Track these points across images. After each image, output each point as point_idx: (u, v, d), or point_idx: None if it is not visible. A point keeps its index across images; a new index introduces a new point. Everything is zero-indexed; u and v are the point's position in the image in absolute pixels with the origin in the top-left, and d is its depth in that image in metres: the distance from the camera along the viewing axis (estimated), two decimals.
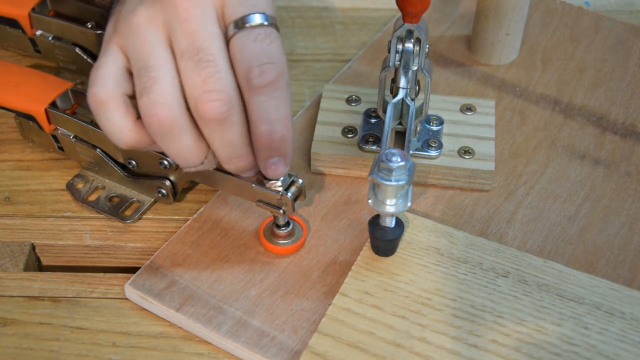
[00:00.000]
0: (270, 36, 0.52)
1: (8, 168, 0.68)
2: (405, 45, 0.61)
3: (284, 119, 0.53)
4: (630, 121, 0.72)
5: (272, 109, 0.52)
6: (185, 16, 0.51)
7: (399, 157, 0.53)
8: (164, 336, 0.57)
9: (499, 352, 0.53)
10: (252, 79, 0.51)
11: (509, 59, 0.77)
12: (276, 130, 0.53)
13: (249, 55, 0.51)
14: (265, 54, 0.51)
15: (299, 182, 0.58)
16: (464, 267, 0.58)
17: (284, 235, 0.61)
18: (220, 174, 0.60)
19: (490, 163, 0.65)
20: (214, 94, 0.51)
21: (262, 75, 0.51)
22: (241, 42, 0.51)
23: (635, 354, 0.52)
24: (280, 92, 0.52)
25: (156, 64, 0.51)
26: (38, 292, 0.59)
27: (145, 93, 0.51)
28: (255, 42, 0.51)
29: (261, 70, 0.51)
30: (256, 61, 0.51)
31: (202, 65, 0.51)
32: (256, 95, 0.52)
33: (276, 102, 0.52)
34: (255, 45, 0.51)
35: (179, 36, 0.51)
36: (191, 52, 0.51)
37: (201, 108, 0.51)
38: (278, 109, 0.52)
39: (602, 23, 0.82)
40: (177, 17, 0.51)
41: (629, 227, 0.63)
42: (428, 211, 0.64)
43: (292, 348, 0.55)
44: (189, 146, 0.53)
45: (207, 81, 0.51)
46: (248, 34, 0.51)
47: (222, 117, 0.51)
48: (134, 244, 0.63)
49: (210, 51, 0.51)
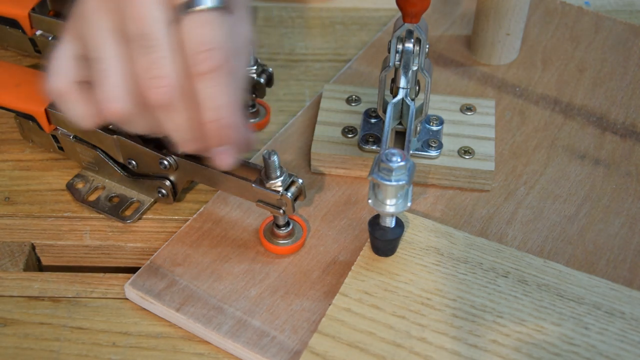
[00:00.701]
0: (216, 20, 0.51)
1: (8, 168, 0.68)
2: (405, 45, 0.61)
3: (228, 105, 0.53)
4: (630, 121, 0.72)
5: (218, 95, 0.52)
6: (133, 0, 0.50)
7: (399, 157, 0.53)
8: (164, 336, 0.57)
9: (499, 352, 0.53)
10: (197, 64, 0.51)
11: (509, 59, 0.77)
12: (222, 116, 0.53)
13: (195, 40, 0.51)
14: (211, 39, 0.51)
15: (299, 182, 0.58)
16: (464, 267, 0.58)
17: (284, 235, 0.61)
18: (221, 174, 0.60)
19: (490, 163, 0.65)
20: (158, 81, 0.51)
21: (207, 61, 0.51)
22: (188, 26, 0.51)
23: (635, 354, 0.52)
24: (223, 77, 0.52)
25: (106, 56, 0.51)
26: (38, 292, 0.59)
27: (99, 86, 0.52)
28: (201, 26, 0.51)
29: (206, 55, 0.51)
30: (201, 46, 0.51)
31: (147, 51, 0.51)
32: (202, 81, 0.52)
33: (219, 87, 0.52)
34: (202, 30, 0.51)
35: (127, 21, 0.51)
36: (137, 38, 0.51)
37: (147, 94, 0.51)
38: (223, 95, 0.52)
39: (602, 23, 0.82)
40: (126, 3, 0.51)
41: (629, 227, 0.63)
42: (428, 211, 0.64)
43: (292, 348, 0.55)
44: (146, 127, 0.55)
45: (151, 67, 0.51)
46: (195, 17, 0.51)
47: (168, 103, 0.52)
48: (134, 244, 0.63)
49: (155, 36, 0.51)
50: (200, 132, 0.54)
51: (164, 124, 0.54)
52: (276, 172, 0.57)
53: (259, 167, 0.59)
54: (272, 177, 0.57)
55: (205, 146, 0.55)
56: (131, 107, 0.52)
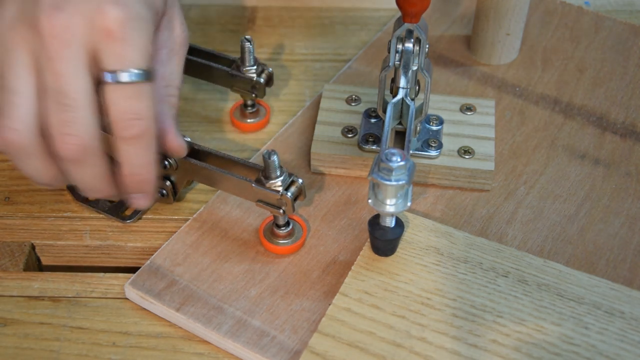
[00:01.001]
0: (141, 93, 0.53)
1: (8, 168, 0.68)
2: (405, 45, 0.61)
3: (146, 164, 0.56)
4: (630, 121, 0.72)
5: (136, 157, 0.55)
6: (54, 55, 0.51)
7: (399, 157, 0.53)
8: (164, 336, 0.57)
9: (499, 352, 0.53)
10: (118, 130, 0.53)
11: (509, 59, 0.77)
12: (138, 173, 0.56)
13: (117, 110, 0.53)
14: (135, 110, 0.53)
15: (298, 182, 0.58)
16: (464, 267, 0.58)
17: (284, 235, 0.61)
18: (220, 174, 0.60)
19: (490, 163, 0.65)
20: (70, 138, 0.52)
21: (129, 129, 0.53)
22: (111, 96, 0.53)
23: (635, 353, 0.52)
24: (145, 142, 0.55)
25: (17, 89, 0.52)
26: (38, 292, 0.59)
27: (1, 114, 0.52)
28: (125, 98, 0.53)
29: (126, 124, 0.53)
30: (123, 115, 0.53)
31: (62, 108, 0.52)
32: (122, 144, 0.54)
33: (140, 150, 0.55)
34: (125, 102, 0.53)
35: (45, 72, 0.52)
36: (54, 92, 0.52)
37: (56, 146, 0.53)
38: (141, 157, 0.55)
39: (602, 23, 0.82)
40: (46, 53, 0.52)
41: (628, 227, 0.63)
42: (428, 211, 0.64)
43: (292, 348, 0.55)
44: (38, 168, 0.55)
45: (64, 124, 0.52)
46: (119, 89, 0.53)
47: (75, 159, 0.53)
48: (134, 244, 0.63)
49: (73, 96, 0.52)
50: (104, 183, 0.56)
51: (70, 175, 0.56)
52: (276, 172, 0.57)
53: (259, 166, 0.59)
54: (272, 177, 0.57)
55: (106, 195, 0.58)
56: (28, 144, 0.53)
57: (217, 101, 0.75)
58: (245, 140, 0.71)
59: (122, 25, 0.52)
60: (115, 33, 0.52)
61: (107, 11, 0.52)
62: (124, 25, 0.52)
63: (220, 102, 0.75)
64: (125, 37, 0.52)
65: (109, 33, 0.52)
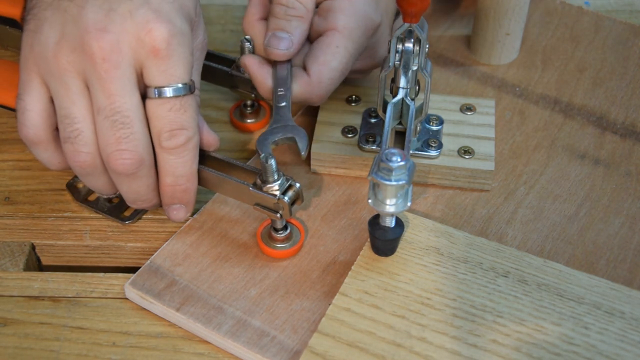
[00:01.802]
0: (185, 105, 0.55)
1: (8, 168, 0.68)
2: (405, 45, 0.61)
3: (188, 174, 0.58)
4: (630, 121, 0.72)
5: (179, 166, 0.58)
6: (105, 76, 0.53)
7: (399, 157, 0.53)
8: (163, 336, 0.57)
9: (498, 352, 0.53)
10: (163, 140, 0.56)
11: (509, 59, 0.77)
12: (180, 183, 0.58)
13: (163, 121, 0.55)
14: (178, 122, 0.55)
15: (296, 187, 0.58)
16: (464, 267, 0.58)
17: (281, 239, 0.60)
18: (219, 177, 0.60)
19: (490, 163, 0.65)
20: (126, 153, 0.55)
21: (172, 139, 0.56)
22: (157, 109, 0.55)
23: (635, 353, 0.52)
24: (188, 153, 0.57)
25: (78, 116, 0.55)
26: (38, 292, 0.59)
27: (70, 142, 0.55)
28: (170, 111, 0.55)
29: (172, 134, 0.55)
30: (168, 126, 0.55)
31: (117, 126, 0.54)
32: (165, 153, 0.56)
33: (183, 160, 0.57)
34: (170, 114, 0.55)
35: (97, 92, 0.54)
36: (108, 112, 0.54)
37: (112, 163, 0.55)
38: (184, 166, 0.58)
39: (602, 23, 0.82)
40: (96, 75, 0.53)
41: (628, 227, 0.63)
42: (428, 211, 0.64)
43: (292, 348, 0.55)
44: (105, 183, 0.59)
45: (120, 141, 0.54)
46: (164, 103, 0.55)
47: (131, 173, 0.56)
48: (134, 244, 0.63)
49: (127, 114, 0.54)
50: (152, 194, 0.59)
51: (121, 187, 0.58)
52: (273, 176, 0.57)
53: (257, 170, 0.59)
54: (269, 181, 0.57)
55: (150, 205, 0.61)
56: (98, 164, 0.57)
57: (217, 101, 0.75)
58: (245, 140, 0.71)
59: (168, 43, 0.54)
60: (161, 51, 0.54)
61: (153, 29, 0.53)
62: (170, 43, 0.54)
63: (221, 102, 0.75)
64: (170, 54, 0.54)
65: (156, 51, 0.54)
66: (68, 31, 0.54)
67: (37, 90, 0.56)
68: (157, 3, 0.54)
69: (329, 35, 0.63)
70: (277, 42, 0.62)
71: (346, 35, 0.63)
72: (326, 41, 0.63)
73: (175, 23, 0.54)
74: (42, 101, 0.56)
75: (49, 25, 0.54)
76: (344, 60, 0.63)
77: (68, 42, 0.53)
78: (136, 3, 0.54)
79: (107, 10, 0.53)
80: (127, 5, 0.53)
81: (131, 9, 0.53)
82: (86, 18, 0.53)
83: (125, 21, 0.53)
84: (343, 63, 0.63)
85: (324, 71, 0.62)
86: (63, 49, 0.54)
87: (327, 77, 0.62)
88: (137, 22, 0.53)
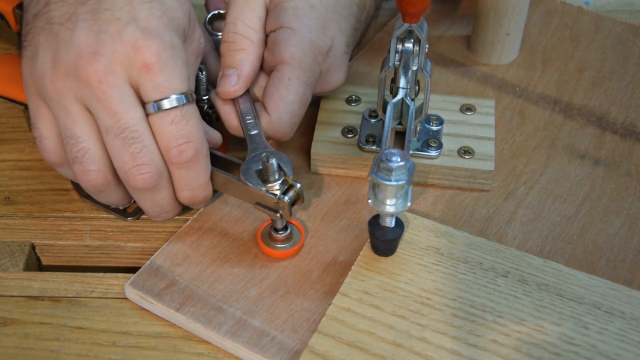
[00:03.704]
0: (186, 115, 0.56)
1: (8, 168, 0.68)
2: (405, 45, 0.61)
3: (204, 184, 0.59)
4: (630, 121, 0.72)
5: (193, 179, 0.58)
6: (104, 97, 0.54)
7: (398, 157, 0.53)
8: (163, 336, 0.57)
9: (498, 352, 0.53)
10: (172, 157, 0.56)
11: (509, 59, 0.77)
12: (197, 195, 0.59)
13: (167, 136, 0.55)
14: (183, 134, 0.56)
15: (297, 187, 0.58)
16: (464, 267, 0.58)
17: (281, 239, 0.60)
18: (220, 175, 0.60)
19: (490, 163, 0.65)
20: (143, 168, 0.55)
21: (181, 155, 0.56)
22: (159, 124, 0.55)
23: (635, 353, 0.52)
24: (199, 165, 0.58)
25: (82, 135, 0.55)
26: (38, 292, 0.59)
27: (78, 162, 0.56)
28: (172, 124, 0.55)
29: (179, 150, 0.56)
30: (174, 142, 0.56)
31: (129, 142, 0.55)
32: (178, 169, 0.57)
33: (195, 173, 0.58)
34: (173, 127, 0.55)
35: (100, 114, 0.54)
36: (117, 131, 0.54)
37: (132, 180, 0.56)
38: (198, 179, 0.58)
39: (602, 23, 0.82)
40: (95, 97, 0.54)
41: (628, 227, 0.63)
42: (428, 211, 0.64)
43: (292, 348, 0.55)
44: (119, 197, 0.60)
45: (135, 157, 0.55)
46: (165, 116, 0.55)
47: (152, 186, 0.56)
48: (134, 244, 0.63)
49: (135, 128, 0.54)
50: (173, 204, 0.60)
51: (144, 203, 0.59)
52: (274, 175, 0.57)
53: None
54: (270, 180, 0.57)
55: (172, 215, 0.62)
56: (110, 180, 0.57)
57: None
58: None
59: (159, 57, 0.54)
60: (152, 66, 0.54)
61: (142, 48, 0.54)
62: (160, 57, 0.54)
63: None
64: (162, 68, 0.54)
65: (148, 67, 0.54)
66: (61, 56, 0.54)
67: (46, 116, 0.56)
68: (145, 20, 0.54)
69: (279, 69, 0.61)
70: (225, 81, 0.62)
71: (296, 66, 0.61)
72: (277, 76, 0.61)
73: (165, 38, 0.55)
74: (55, 126, 0.57)
75: (43, 51, 0.55)
76: (299, 91, 0.61)
77: (62, 67, 0.54)
78: (124, 22, 0.54)
79: (96, 32, 0.54)
80: (116, 25, 0.54)
81: (119, 29, 0.54)
82: (78, 42, 0.54)
83: (115, 42, 0.54)
84: (299, 94, 0.61)
85: (281, 106, 0.61)
86: (58, 75, 0.54)
87: (286, 112, 0.61)
88: (125, 42, 0.54)
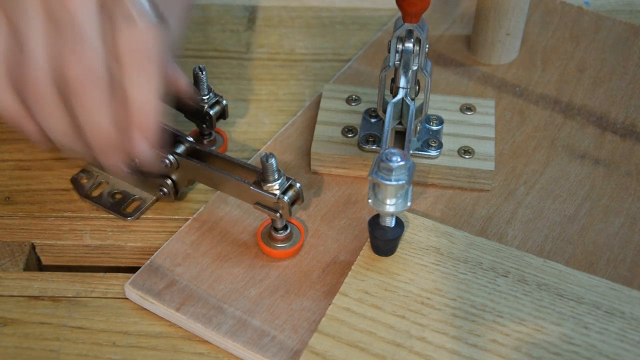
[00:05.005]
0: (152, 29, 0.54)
1: (8, 168, 0.68)
2: (405, 45, 0.61)
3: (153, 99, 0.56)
4: (630, 121, 0.72)
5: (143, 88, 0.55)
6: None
7: (399, 157, 0.53)
8: (164, 336, 0.57)
9: (498, 352, 0.53)
10: (130, 61, 0.54)
11: (509, 59, 0.77)
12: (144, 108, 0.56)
13: (131, 45, 0.54)
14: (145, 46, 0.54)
15: (296, 186, 0.58)
16: (464, 267, 0.58)
17: (281, 239, 0.60)
18: (220, 175, 0.60)
19: (490, 163, 0.65)
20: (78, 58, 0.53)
21: (140, 60, 0.54)
22: (124, 33, 0.54)
23: (635, 353, 0.52)
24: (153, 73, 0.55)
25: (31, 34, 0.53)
26: (38, 292, 0.59)
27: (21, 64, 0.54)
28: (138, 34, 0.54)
29: (140, 55, 0.54)
30: (136, 47, 0.54)
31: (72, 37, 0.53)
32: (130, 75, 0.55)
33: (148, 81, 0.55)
34: (137, 37, 0.54)
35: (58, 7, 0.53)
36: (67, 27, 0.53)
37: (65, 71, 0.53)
38: (149, 89, 0.55)
39: (602, 23, 0.82)
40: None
41: (628, 227, 0.63)
42: (428, 211, 0.64)
43: (292, 348, 0.55)
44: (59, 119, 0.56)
45: (74, 51, 0.53)
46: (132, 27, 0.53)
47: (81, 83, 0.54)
48: (134, 244, 0.63)
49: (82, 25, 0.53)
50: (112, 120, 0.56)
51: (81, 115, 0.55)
52: (274, 175, 0.57)
53: (258, 169, 0.59)
54: (269, 180, 0.57)
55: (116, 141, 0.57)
56: (47, 88, 0.54)
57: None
58: (245, 140, 0.71)
59: None
60: None
61: None
62: None
63: None
64: None
65: None
66: None
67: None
68: None
69: None
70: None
71: None
72: None
73: None
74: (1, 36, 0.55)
75: None
76: None
77: None
78: None
79: None
80: None
81: None
82: None
83: None
84: None
85: None
86: None
87: None
88: None
